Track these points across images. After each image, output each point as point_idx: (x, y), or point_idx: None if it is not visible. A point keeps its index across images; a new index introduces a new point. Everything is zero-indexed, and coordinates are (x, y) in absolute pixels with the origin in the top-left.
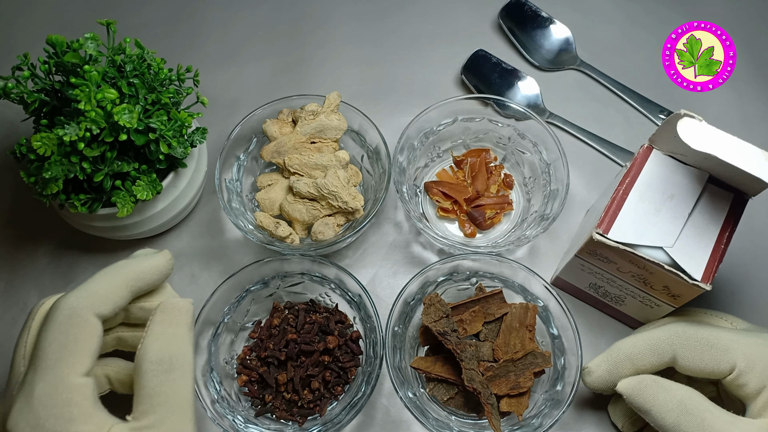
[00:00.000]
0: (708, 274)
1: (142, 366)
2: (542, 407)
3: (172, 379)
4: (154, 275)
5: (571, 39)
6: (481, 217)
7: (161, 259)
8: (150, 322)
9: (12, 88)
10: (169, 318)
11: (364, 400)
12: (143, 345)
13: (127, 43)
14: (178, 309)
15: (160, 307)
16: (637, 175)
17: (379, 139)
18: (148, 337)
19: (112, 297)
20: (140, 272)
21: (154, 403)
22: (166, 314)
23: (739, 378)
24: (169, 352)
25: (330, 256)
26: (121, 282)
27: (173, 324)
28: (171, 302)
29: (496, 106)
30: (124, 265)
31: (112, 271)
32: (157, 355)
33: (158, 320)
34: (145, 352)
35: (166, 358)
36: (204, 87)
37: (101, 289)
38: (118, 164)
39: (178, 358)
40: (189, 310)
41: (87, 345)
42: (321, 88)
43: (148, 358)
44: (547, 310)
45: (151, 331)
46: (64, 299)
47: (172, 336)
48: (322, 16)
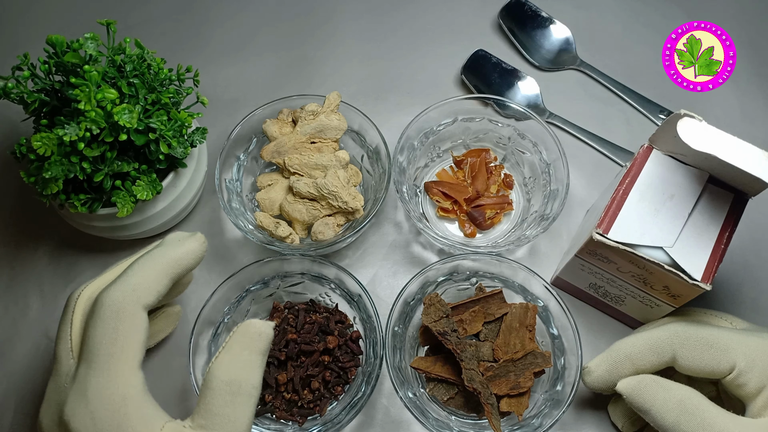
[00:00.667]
0: (708, 274)
1: (212, 382)
2: (542, 407)
3: (236, 402)
4: (191, 260)
5: (571, 39)
6: (481, 217)
7: (196, 243)
8: (229, 339)
9: (12, 88)
10: (248, 341)
11: (364, 400)
12: (217, 361)
13: (127, 43)
14: (259, 334)
15: (242, 328)
16: (637, 175)
17: (379, 139)
18: (225, 354)
19: (155, 287)
20: (178, 259)
21: (215, 422)
22: (247, 337)
23: (739, 378)
24: (240, 375)
25: (330, 256)
26: (161, 270)
27: (250, 348)
28: (254, 324)
29: (496, 106)
30: (162, 254)
31: (151, 261)
32: (228, 375)
33: (237, 340)
34: (218, 369)
35: (236, 380)
36: (204, 87)
37: (144, 280)
38: (118, 164)
39: (247, 384)
40: (269, 336)
41: (136, 338)
42: (321, 88)
43: (219, 377)
44: (547, 310)
45: (228, 350)
46: (108, 294)
47: (246, 360)
48: (322, 16)
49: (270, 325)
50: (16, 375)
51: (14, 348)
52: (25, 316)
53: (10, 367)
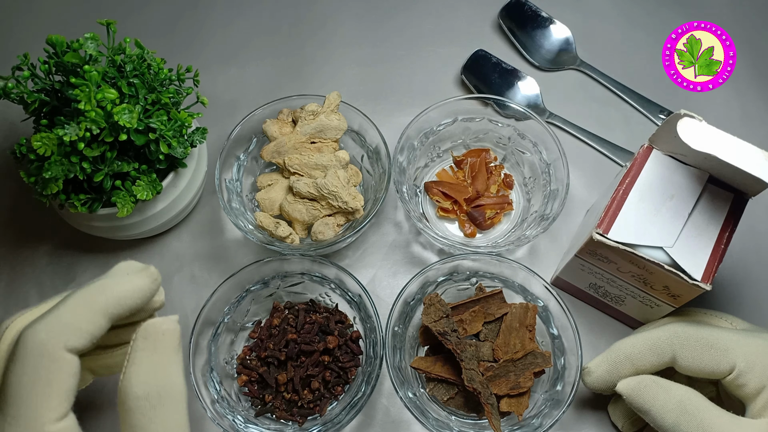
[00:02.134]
0: (708, 274)
1: (127, 402)
2: (542, 407)
3: (163, 414)
4: (137, 299)
5: (571, 39)
6: (481, 217)
7: (144, 279)
8: (131, 349)
9: (12, 88)
10: (152, 344)
11: (364, 400)
12: (125, 377)
13: (127, 43)
14: (162, 332)
15: (140, 332)
16: (637, 175)
17: (379, 139)
18: (130, 367)
19: (87, 328)
20: (120, 297)
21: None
22: (149, 340)
23: (739, 378)
24: (156, 384)
25: (330, 256)
26: (97, 309)
27: (158, 350)
28: (153, 324)
29: (496, 106)
30: (101, 289)
31: (87, 297)
32: (142, 389)
33: (140, 347)
34: (129, 386)
35: (153, 391)
36: (204, 87)
37: (75, 319)
38: (118, 164)
39: (167, 389)
40: (175, 331)
41: (61, 386)
42: (321, 88)
43: (133, 394)
44: (547, 310)
45: (132, 361)
46: (31, 332)
47: (157, 364)
48: (322, 16)
49: (173, 320)
50: None
51: None
52: None
53: None
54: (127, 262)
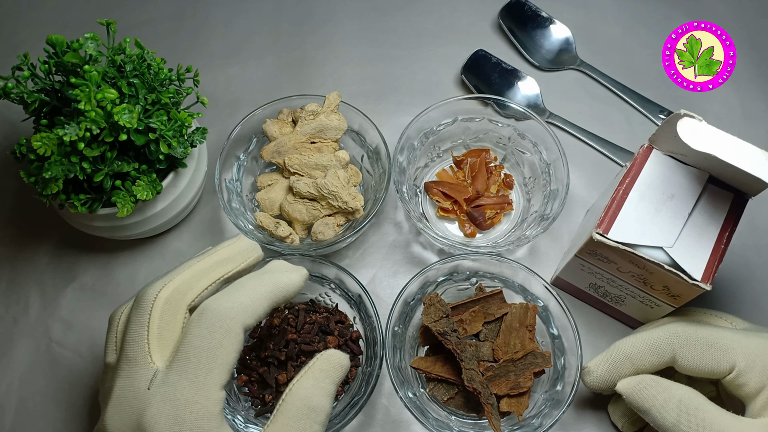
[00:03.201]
0: (708, 274)
1: (295, 404)
2: (542, 407)
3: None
4: (292, 292)
5: (571, 39)
6: (481, 217)
7: (299, 277)
8: (313, 365)
9: (12, 88)
10: (329, 370)
11: (364, 400)
12: (301, 384)
13: (127, 43)
14: (340, 365)
15: (326, 356)
16: (637, 175)
17: (379, 139)
18: (308, 380)
19: (258, 311)
20: (283, 288)
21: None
22: (329, 366)
23: (739, 378)
24: (321, 403)
25: (330, 256)
26: (266, 295)
27: (329, 377)
28: (336, 355)
29: (496, 106)
30: (269, 279)
31: (260, 283)
32: (312, 402)
33: (320, 368)
34: (302, 392)
35: (317, 408)
36: (204, 87)
37: (251, 302)
38: (118, 164)
39: (324, 413)
40: (347, 368)
41: (232, 357)
42: (321, 88)
43: (303, 400)
44: (547, 310)
45: (311, 375)
46: (218, 307)
47: (326, 390)
48: (322, 15)
49: (347, 357)
50: (17, 375)
51: (15, 348)
52: (26, 316)
53: (11, 366)
54: (280, 261)
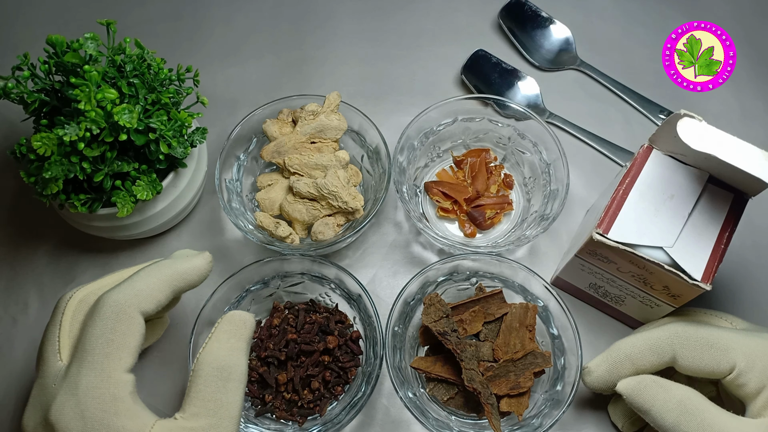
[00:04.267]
0: (708, 274)
1: (203, 369)
2: (542, 407)
3: (228, 388)
4: (195, 276)
5: (571, 39)
6: (481, 217)
7: (202, 260)
8: (216, 329)
9: (12, 88)
10: (233, 329)
11: (364, 400)
12: (206, 350)
13: (127, 43)
14: (243, 322)
15: (226, 317)
16: (637, 175)
17: (379, 139)
18: (212, 343)
19: (156, 295)
20: (183, 272)
21: (208, 408)
22: (232, 325)
23: (739, 378)
24: (230, 361)
25: (330, 256)
26: (165, 280)
27: (236, 336)
28: (238, 314)
29: (496, 106)
30: (168, 265)
31: (156, 270)
32: (218, 362)
33: (224, 329)
34: (208, 357)
35: (226, 367)
36: (204, 86)
37: (146, 287)
38: (118, 164)
39: (236, 370)
40: (252, 324)
41: (132, 341)
42: (321, 88)
43: (210, 364)
44: (547, 310)
45: (215, 339)
46: (110, 295)
47: (234, 347)
48: (322, 15)
49: (251, 316)
50: (16, 375)
51: (14, 348)
52: (25, 316)
53: (10, 367)
54: (184, 249)
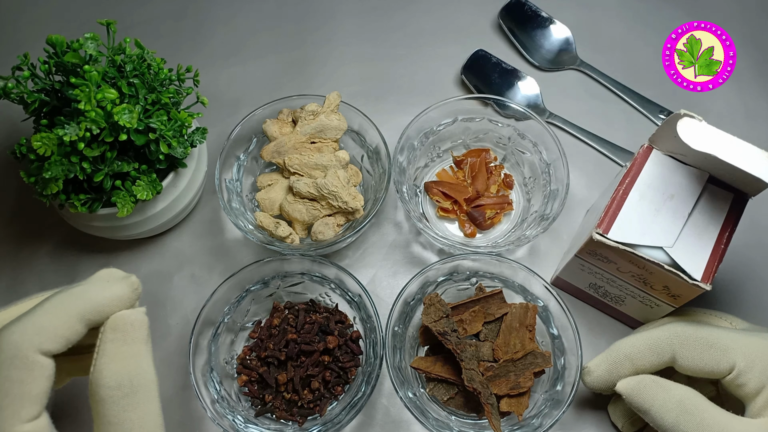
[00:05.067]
0: (708, 274)
1: (99, 392)
2: (542, 407)
3: (135, 403)
4: (114, 307)
5: (571, 39)
6: (481, 217)
7: (125, 289)
8: (100, 341)
9: (12, 88)
10: (121, 335)
11: (364, 400)
12: (96, 369)
13: (127, 43)
14: (131, 323)
15: (109, 324)
16: (637, 175)
17: (379, 139)
18: (101, 358)
19: (63, 332)
20: (99, 304)
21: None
22: (118, 331)
23: (739, 378)
24: (127, 373)
25: (330, 256)
26: (74, 314)
27: (127, 341)
28: (121, 316)
29: (496, 106)
30: (81, 294)
31: (64, 301)
32: (114, 379)
33: (109, 338)
34: (100, 376)
35: (125, 380)
36: (204, 86)
37: (50, 323)
38: (118, 164)
39: (139, 379)
40: (143, 322)
41: (34, 388)
42: (321, 88)
43: (105, 384)
44: (547, 310)
45: (103, 352)
46: (6, 335)
47: (128, 355)
48: (322, 16)
49: (141, 311)
50: None
51: None
52: None
53: None
54: (108, 270)
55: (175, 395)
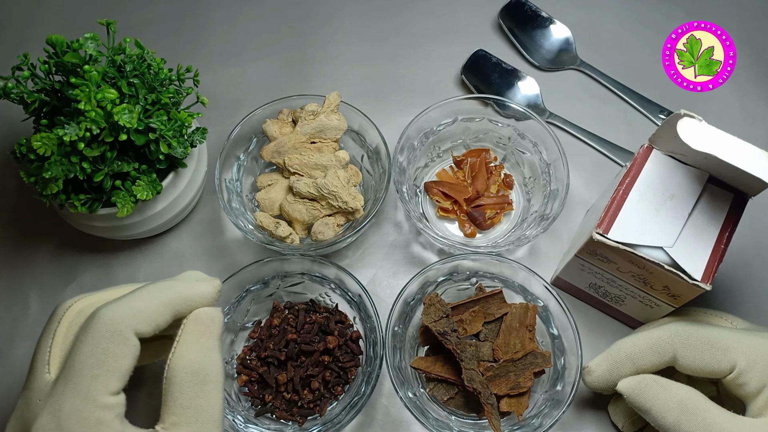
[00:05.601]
0: (708, 274)
1: (177, 377)
2: (542, 407)
3: (205, 391)
4: (200, 303)
5: (571, 39)
6: (481, 217)
7: (211, 288)
8: (182, 331)
9: (12, 88)
10: (202, 329)
11: (364, 400)
12: (176, 355)
13: (127, 43)
14: (211, 319)
15: (192, 317)
16: (637, 175)
17: (379, 139)
18: (181, 347)
19: (155, 318)
20: (188, 297)
21: (189, 416)
22: (200, 324)
23: (740, 377)
24: (203, 364)
25: (330, 256)
26: (166, 302)
27: (206, 335)
28: (204, 312)
29: (496, 106)
30: (173, 287)
31: (159, 291)
32: (192, 366)
33: (191, 330)
34: (180, 362)
35: (200, 370)
36: (204, 86)
37: (146, 307)
38: (118, 164)
39: (211, 371)
40: (220, 320)
41: (124, 364)
42: (321, 88)
43: (183, 369)
44: (547, 310)
45: (184, 342)
46: (106, 311)
47: (205, 348)
48: (322, 16)
49: (219, 310)
50: (16, 375)
51: (14, 348)
52: (26, 316)
53: (10, 367)
54: (194, 271)
55: None
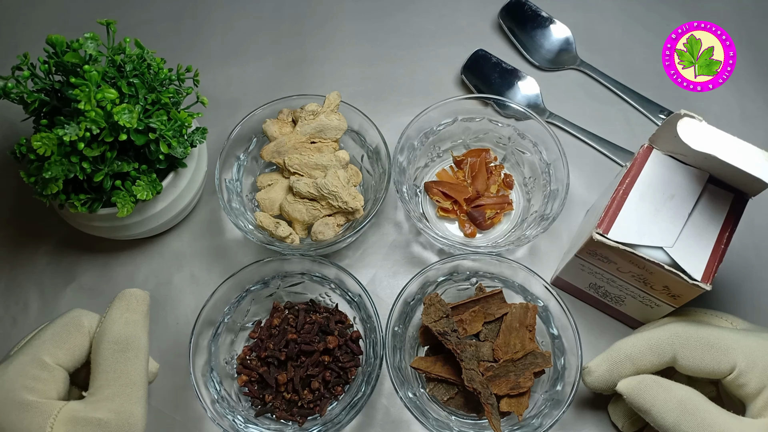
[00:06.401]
0: (708, 274)
1: (101, 345)
2: (542, 407)
3: (126, 358)
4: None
5: (571, 39)
6: (481, 217)
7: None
8: (109, 308)
9: (12, 88)
10: (126, 304)
11: (364, 400)
12: (102, 327)
13: (126, 42)
14: (135, 297)
15: (119, 295)
16: (637, 175)
17: (379, 139)
18: (107, 320)
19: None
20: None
21: (109, 378)
22: (124, 300)
23: (740, 378)
24: (125, 334)
25: (330, 256)
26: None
27: (130, 310)
28: (129, 291)
29: (496, 106)
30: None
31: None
32: (113, 335)
33: (116, 306)
34: (104, 332)
35: (122, 338)
36: (204, 86)
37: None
38: (118, 164)
39: (133, 340)
40: (145, 298)
41: (75, 345)
42: (321, 88)
43: (106, 338)
44: (547, 310)
45: (109, 315)
46: (81, 313)
47: (129, 320)
48: (322, 16)
49: (145, 292)
50: None
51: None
52: (26, 316)
53: None
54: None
55: (175, 395)
